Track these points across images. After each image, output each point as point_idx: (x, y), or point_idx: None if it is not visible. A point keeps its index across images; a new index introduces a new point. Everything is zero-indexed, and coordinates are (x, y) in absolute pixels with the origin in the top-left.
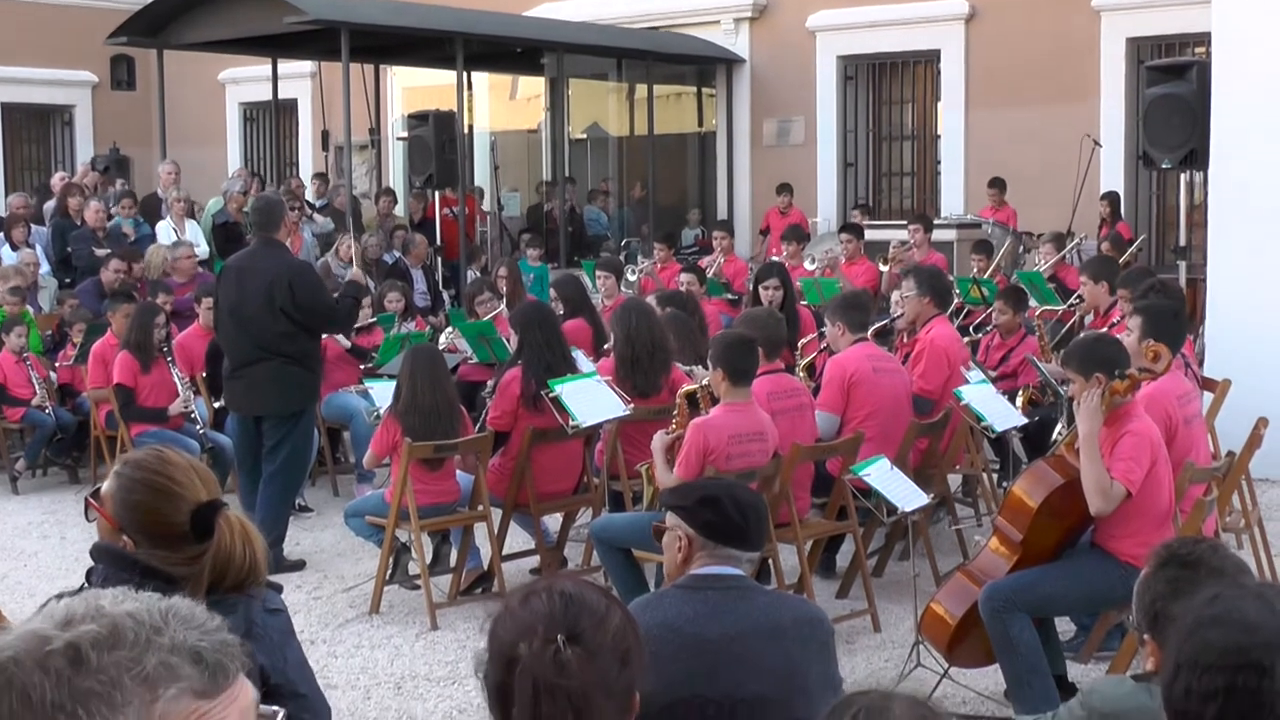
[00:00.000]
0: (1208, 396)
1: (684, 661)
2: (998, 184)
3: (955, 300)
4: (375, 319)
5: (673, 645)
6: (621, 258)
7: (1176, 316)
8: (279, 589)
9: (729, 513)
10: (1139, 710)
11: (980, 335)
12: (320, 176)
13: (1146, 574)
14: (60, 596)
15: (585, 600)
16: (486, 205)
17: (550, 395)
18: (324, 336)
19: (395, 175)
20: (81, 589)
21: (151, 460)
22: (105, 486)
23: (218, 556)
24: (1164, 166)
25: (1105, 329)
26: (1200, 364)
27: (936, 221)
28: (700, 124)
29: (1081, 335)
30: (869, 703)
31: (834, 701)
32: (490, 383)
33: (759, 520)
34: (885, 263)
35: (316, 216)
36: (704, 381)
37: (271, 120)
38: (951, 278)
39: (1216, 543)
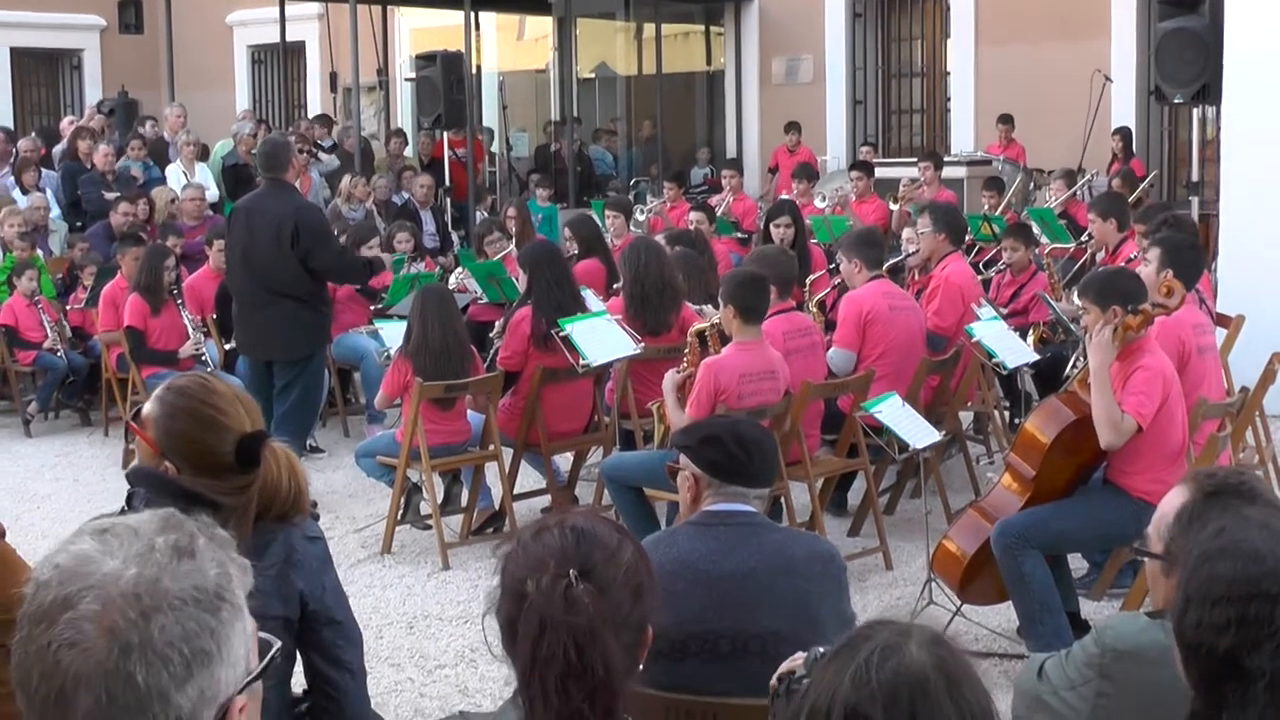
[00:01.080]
0: (1221, 333)
1: (697, 597)
2: (1006, 120)
3: (968, 237)
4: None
5: (685, 581)
6: (630, 197)
7: (1194, 249)
8: (317, 516)
9: (733, 450)
10: (1154, 646)
11: (991, 272)
12: (321, 119)
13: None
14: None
15: (597, 535)
16: (495, 146)
17: (560, 334)
18: None
19: (404, 116)
20: (122, 513)
21: (196, 388)
22: (147, 409)
23: (264, 488)
24: (1176, 102)
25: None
26: (1214, 299)
27: (946, 159)
28: (709, 63)
29: (1100, 267)
30: (884, 640)
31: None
32: (499, 322)
33: (765, 457)
34: (895, 201)
35: (322, 155)
36: (714, 320)
37: (279, 62)
38: (964, 215)
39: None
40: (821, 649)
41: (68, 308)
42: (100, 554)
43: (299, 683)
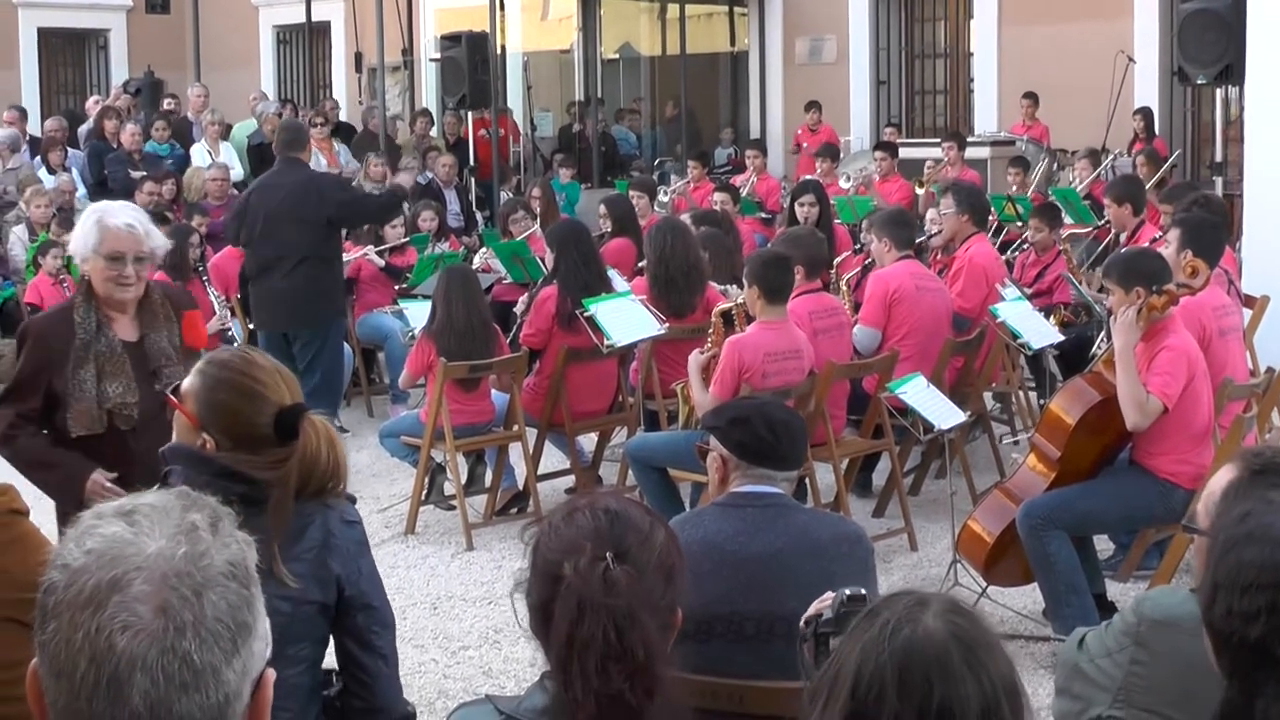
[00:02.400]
0: (1246, 314)
1: (723, 578)
2: (1031, 97)
3: (991, 218)
4: (409, 239)
5: (712, 562)
6: (655, 177)
7: (1215, 229)
8: (354, 500)
9: (760, 432)
10: (1192, 618)
11: (1015, 253)
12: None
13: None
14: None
15: (630, 518)
16: (520, 124)
17: (585, 314)
18: (358, 257)
19: (428, 97)
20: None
21: (236, 360)
22: (187, 383)
23: (303, 461)
24: (1199, 82)
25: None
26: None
27: (970, 139)
28: (732, 43)
29: (1124, 248)
30: (900, 610)
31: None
32: (523, 298)
33: (793, 439)
34: (919, 182)
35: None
36: (739, 300)
37: (305, 43)
38: (987, 195)
39: None
40: (848, 591)
41: None
42: (135, 535)
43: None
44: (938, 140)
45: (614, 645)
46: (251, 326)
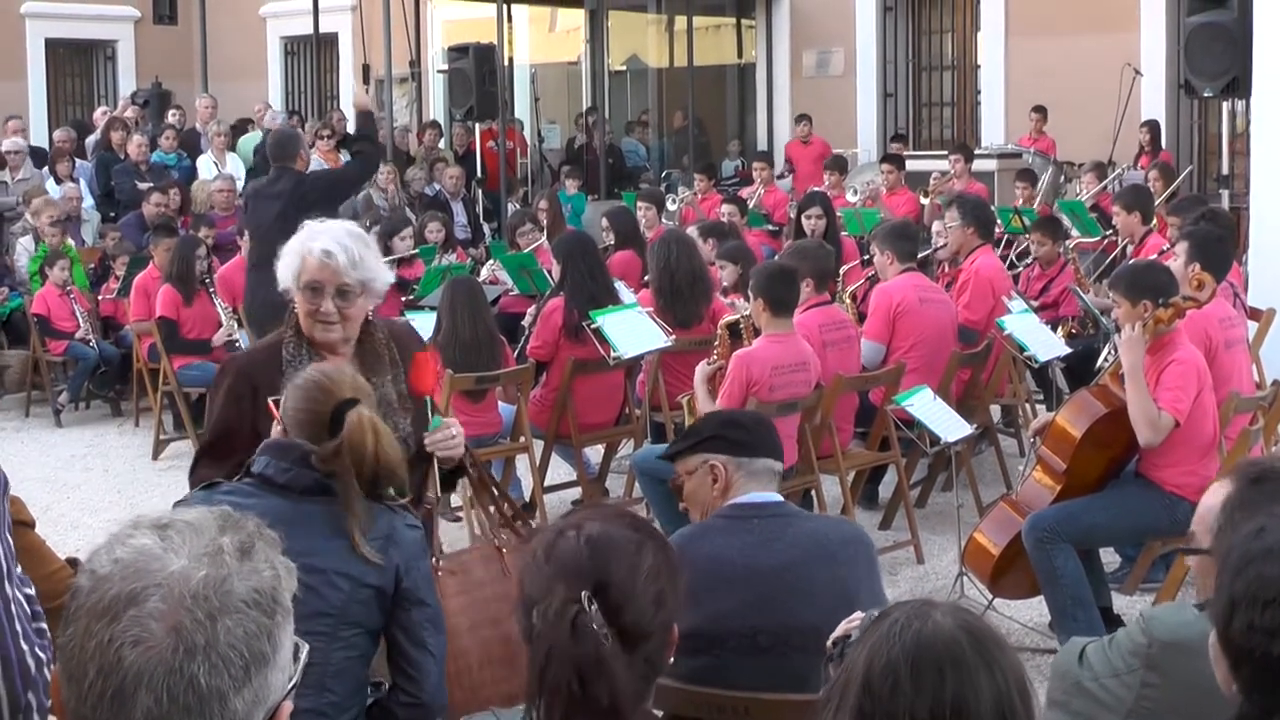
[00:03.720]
0: (1252, 327)
1: (737, 593)
2: (1040, 110)
3: (997, 230)
4: (416, 250)
5: (723, 577)
6: (662, 189)
7: (1222, 242)
8: (409, 509)
9: (750, 425)
10: (1202, 638)
11: (1022, 266)
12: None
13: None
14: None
15: (614, 543)
16: (527, 137)
17: (592, 326)
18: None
19: (436, 108)
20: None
21: (316, 365)
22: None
23: (352, 452)
24: (1205, 95)
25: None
26: (1245, 292)
27: (977, 151)
28: (740, 55)
29: (1131, 261)
30: (909, 610)
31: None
32: (531, 310)
33: (771, 428)
34: (926, 194)
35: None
36: (745, 312)
37: (312, 54)
38: (993, 208)
39: None
40: (876, 613)
41: (100, 297)
42: (164, 550)
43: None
44: (945, 152)
45: (577, 696)
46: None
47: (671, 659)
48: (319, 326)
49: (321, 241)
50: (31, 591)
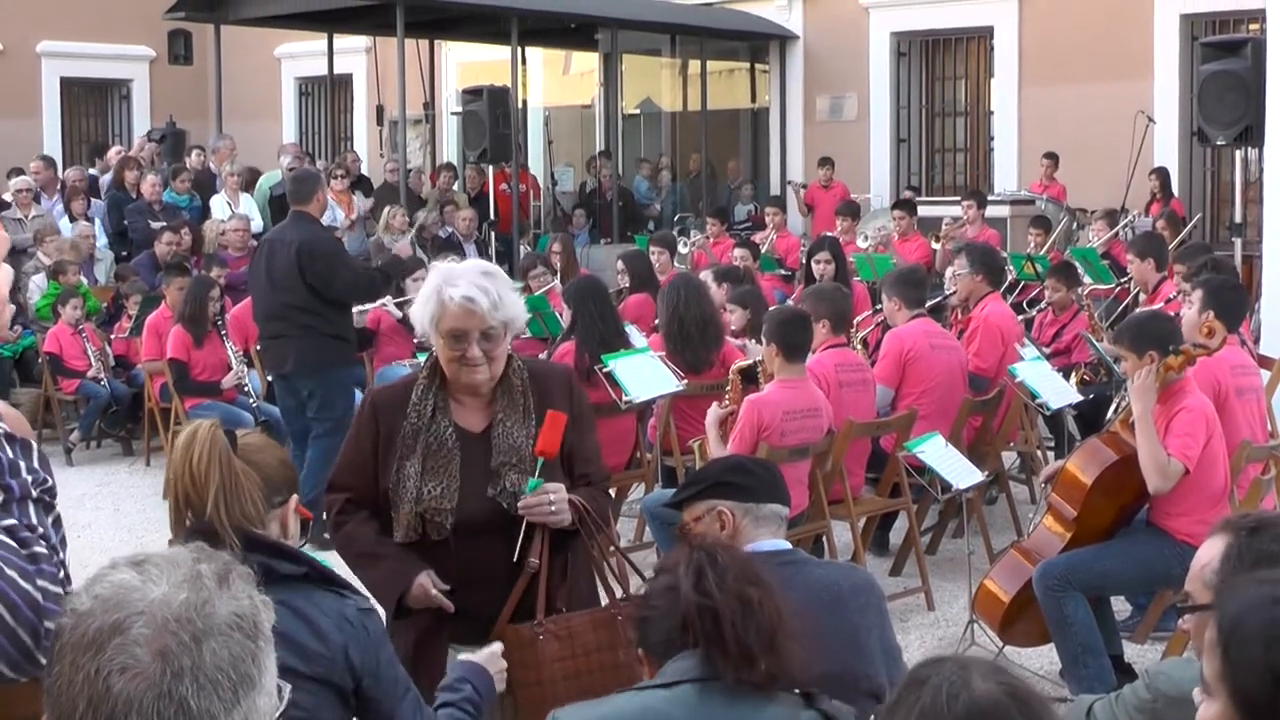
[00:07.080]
0: (1264, 375)
1: None
2: (1052, 157)
3: (1010, 276)
4: None
5: None
6: (675, 232)
7: (1237, 290)
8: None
9: (756, 470)
10: None
11: (1034, 312)
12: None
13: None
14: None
15: None
16: (540, 180)
17: (604, 370)
18: (376, 308)
19: (450, 150)
20: None
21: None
22: None
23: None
24: (1218, 143)
25: (1157, 306)
26: (1256, 341)
27: (990, 198)
28: (753, 99)
29: (1135, 313)
30: (948, 677)
31: (902, 674)
32: (542, 356)
33: (779, 474)
34: (938, 240)
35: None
36: (758, 357)
37: (327, 95)
38: (1005, 254)
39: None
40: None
41: (112, 336)
42: (142, 582)
43: None
44: (957, 199)
45: None
46: (270, 378)
47: None
48: (465, 370)
49: (461, 288)
50: (12, 522)
